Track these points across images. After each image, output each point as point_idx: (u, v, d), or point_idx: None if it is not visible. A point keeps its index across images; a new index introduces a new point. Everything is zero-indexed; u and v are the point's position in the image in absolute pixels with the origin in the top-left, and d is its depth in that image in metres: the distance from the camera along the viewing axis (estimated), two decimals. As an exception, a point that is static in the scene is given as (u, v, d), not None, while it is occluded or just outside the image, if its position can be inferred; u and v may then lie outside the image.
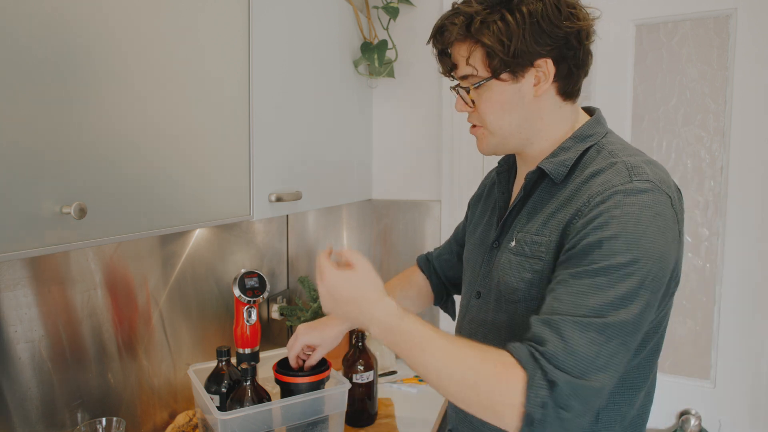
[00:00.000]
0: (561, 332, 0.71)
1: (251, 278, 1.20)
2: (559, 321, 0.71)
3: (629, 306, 0.71)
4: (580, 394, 0.69)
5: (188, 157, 0.97)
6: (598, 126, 0.89)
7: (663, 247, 0.73)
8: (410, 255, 1.90)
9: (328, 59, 1.50)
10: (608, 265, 0.71)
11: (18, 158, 0.67)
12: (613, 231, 0.72)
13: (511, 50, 0.79)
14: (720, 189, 1.47)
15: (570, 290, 0.73)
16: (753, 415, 1.46)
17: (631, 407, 0.85)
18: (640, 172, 0.77)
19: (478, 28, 0.80)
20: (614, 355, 0.70)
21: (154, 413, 1.27)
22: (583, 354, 0.69)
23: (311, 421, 1.11)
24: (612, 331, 0.70)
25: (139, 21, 0.84)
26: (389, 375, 1.75)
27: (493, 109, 0.86)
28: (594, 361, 0.69)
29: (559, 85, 0.85)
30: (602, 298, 0.71)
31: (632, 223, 0.72)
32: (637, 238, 0.72)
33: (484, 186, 1.13)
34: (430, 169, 1.85)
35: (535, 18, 0.79)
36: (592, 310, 0.70)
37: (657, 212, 0.73)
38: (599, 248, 0.72)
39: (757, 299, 1.43)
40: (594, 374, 0.69)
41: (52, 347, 1.02)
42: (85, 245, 0.76)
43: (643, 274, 0.71)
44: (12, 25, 0.66)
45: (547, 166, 0.85)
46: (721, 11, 1.44)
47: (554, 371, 0.69)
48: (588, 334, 0.69)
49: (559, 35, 0.80)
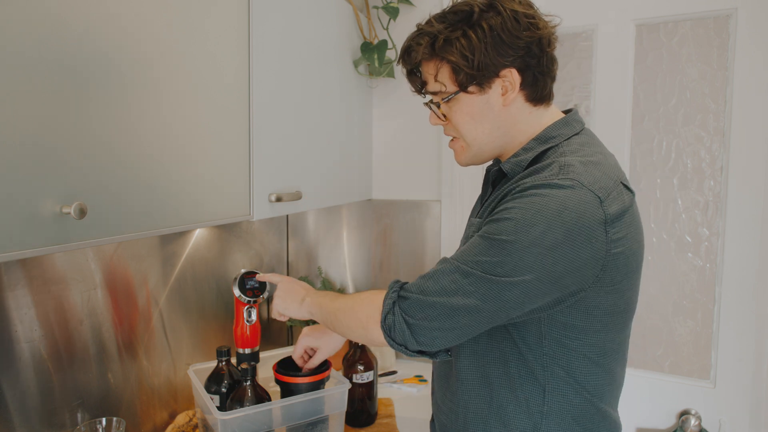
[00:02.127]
0: (434, 266, 0.84)
1: (251, 278, 1.20)
2: (439, 261, 0.84)
3: (491, 275, 0.77)
4: (421, 308, 0.80)
5: (188, 157, 0.97)
6: (565, 127, 0.90)
7: (559, 240, 0.75)
8: (410, 255, 1.90)
9: (328, 59, 1.50)
10: (494, 237, 0.78)
11: (18, 158, 0.67)
12: (512, 213, 0.77)
13: (475, 64, 0.84)
14: (720, 189, 1.47)
15: (465, 245, 0.83)
16: (753, 415, 1.46)
17: (579, 396, 0.88)
18: (569, 170, 0.79)
19: (441, 47, 0.86)
20: (454, 295, 0.79)
21: (154, 413, 1.27)
22: (432, 279, 0.81)
23: (311, 421, 1.11)
24: (467, 282, 0.78)
25: (141, 23, 0.84)
26: (389, 375, 1.75)
27: (464, 121, 0.90)
28: (437, 288, 0.80)
29: (527, 93, 0.88)
30: (474, 255, 0.79)
31: (533, 211, 0.76)
32: (529, 225, 0.75)
33: None
34: (430, 169, 1.85)
35: (496, 31, 0.83)
36: (462, 260, 0.80)
37: (566, 207, 0.75)
38: (496, 222, 0.79)
39: (757, 299, 1.43)
40: (434, 297, 0.79)
41: (52, 347, 1.02)
42: (85, 245, 0.76)
43: (517, 256, 0.76)
44: (12, 26, 0.66)
45: (506, 166, 0.90)
46: (721, 11, 1.44)
47: (407, 289, 0.84)
48: (451, 275, 0.80)
49: (521, 45, 0.84)
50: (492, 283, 0.76)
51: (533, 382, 0.87)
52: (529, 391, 0.87)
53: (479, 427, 0.92)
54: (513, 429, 0.88)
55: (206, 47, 1.00)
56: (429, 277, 0.82)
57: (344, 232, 1.99)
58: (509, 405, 0.88)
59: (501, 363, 0.88)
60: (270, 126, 1.20)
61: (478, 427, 0.92)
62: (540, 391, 0.86)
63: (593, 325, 0.84)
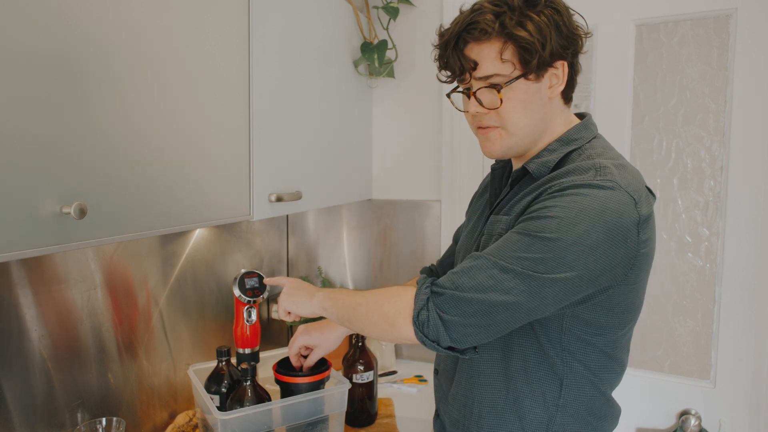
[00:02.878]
0: (465, 262, 0.82)
1: (251, 278, 1.20)
2: (470, 257, 0.82)
3: (533, 271, 0.76)
4: (457, 304, 0.78)
5: (188, 157, 0.97)
6: (585, 131, 0.92)
7: (600, 240, 0.76)
8: (410, 255, 1.90)
9: (327, 59, 1.50)
10: (536, 234, 0.77)
11: (18, 158, 0.67)
12: (555, 212, 0.77)
13: (546, 48, 0.82)
14: (720, 189, 1.47)
15: (498, 241, 0.82)
16: (753, 415, 1.46)
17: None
18: (606, 172, 0.80)
19: (513, 24, 0.81)
20: (491, 291, 0.77)
21: (154, 413, 1.27)
22: (468, 276, 0.79)
23: (311, 421, 1.11)
24: (506, 278, 0.76)
25: (141, 23, 0.84)
26: (389, 375, 1.75)
27: (517, 109, 0.86)
28: (473, 284, 0.78)
29: (565, 90, 0.89)
30: (513, 251, 0.78)
31: (576, 210, 0.76)
32: (573, 224, 0.75)
33: (485, 183, 1.16)
34: (430, 169, 1.85)
35: (556, 21, 0.83)
36: (500, 256, 0.78)
37: (607, 207, 0.76)
38: (536, 220, 0.78)
39: (757, 299, 1.43)
40: (470, 293, 0.77)
41: (52, 347, 1.02)
42: (85, 245, 0.76)
43: (561, 254, 0.75)
44: (12, 26, 0.66)
45: (531, 167, 0.89)
46: (721, 11, 1.44)
47: (440, 284, 0.81)
48: (488, 271, 0.78)
49: (573, 40, 0.85)
50: (533, 280, 0.76)
51: (551, 376, 0.88)
52: (547, 384, 0.88)
53: (494, 420, 0.92)
54: (528, 422, 0.89)
55: (206, 47, 1.00)
56: (463, 273, 0.80)
57: (344, 232, 1.99)
58: (525, 398, 0.89)
59: (521, 357, 0.89)
60: (270, 126, 1.20)
61: (492, 420, 0.92)
62: (557, 385, 0.88)
63: (613, 321, 0.86)
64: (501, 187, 1.02)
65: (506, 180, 1.02)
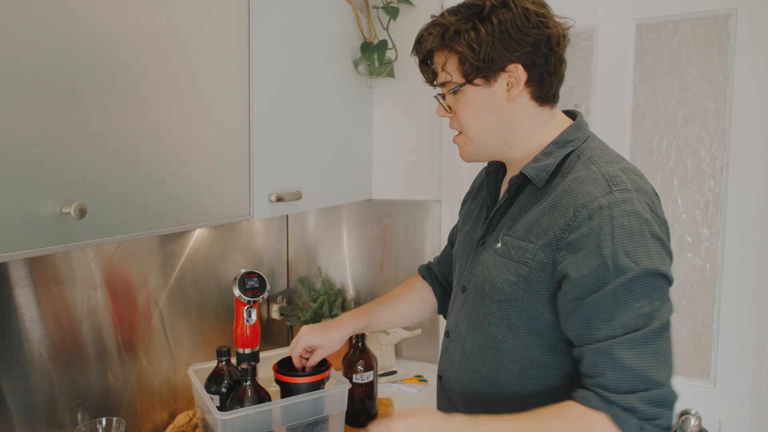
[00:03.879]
0: (612, 358, 0.75)
1: (251, 278, 1.20)
2: (606, 348, 0.76)
3: (653, 308, 0.75)
4: (656, 401, 0.74)
5: (189, 157, 0.97)
6: (579, 131, 0.92)
7: (659, 248, 0.78)
8: (410, 255, 1.90)
9: (327, 59, 1.50)
10: (623, 281, 0.75)
11: (18, 158, 0.67)
12: (611, 249, 0.76)
13: (481, 56, 0.85)
14: (720, 189, 1.47)
15: (599, 316, 0.77)
16: (753, 415, 1.46)
17: None
18: (618, 182, 0.80)
19: (451, 37, 0.87)
20: (662, 354, 0.76)
21: (154, 413, 1.27)
22: (639, 369, 0.74)
23: (311, 421, 1.11)
24: (651, 336, 0.75)
25: (140, 23, 0.84)
26: (389, 375, 1.75)
27: (469, 114, 0.91)
28: (650, 369, 0.74)
29: (533, 91, 0.89)
30: (631, 313, 0.75)
31: (626, 236, 0.76)
32: (635, 248, 0.76)
33: (475, 184, 1.16)
34: (430, 169, 1.85)
35: (505, 26, 0.84)
36: (628, 327, 0.75)
37: (643, 220, 0.78)
38: (605, 268, 0.76)
39: (757, 299, 1.43)
40: (657, 378, 0.75)
41: (52, 347, 1.02)
42: (85, 245, 0.76)
43: (651, 276, 0.76)
44: (12, 27, 0.66)
45: (529, 172, 0.89)
46: (721, 11, 1.44)
47: (627, 397, 0.74)
48: (635, 349, 0.74)
49: (528, 42, 0.85)
50: (660, 323, 0.76)
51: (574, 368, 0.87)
52: None
53: None
54: None
55: (206, 47, 1.00)
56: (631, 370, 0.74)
57: (344, 232, 1.99)
58: None
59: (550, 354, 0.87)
60: (270, 126, 1.20)
61: None
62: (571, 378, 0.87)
63: None
64: (497, 191, 1.02)
65: (501, 183, 1.02)
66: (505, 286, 0.87)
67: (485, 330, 0.92)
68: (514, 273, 0.86)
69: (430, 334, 1.87)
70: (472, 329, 0.95)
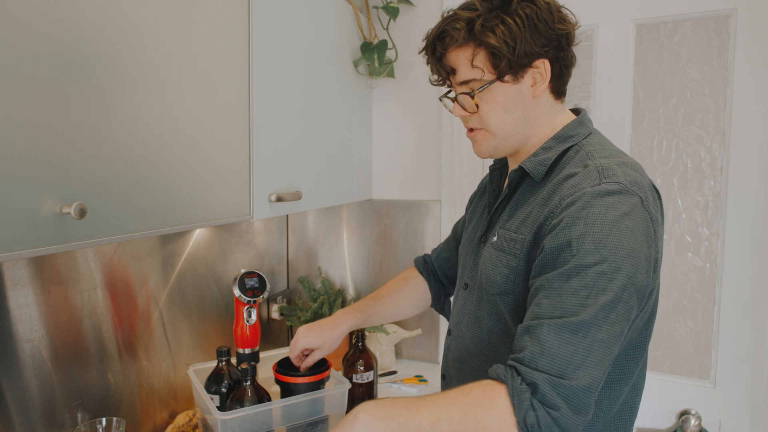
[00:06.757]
0: (537, 336, 0.73)
1: (251, 278, 1.20)
2: (536, 326, 0.74)
3: (600, 303, 0.72)
4: (562, 392, 0.70)
5: (189, 158, 0.97)
6: (581, 127, 0.91)
7: (632, 245, 0.75)
8: (410, 255, 1.90)
9: (327, 59, 1.50)
10: (578, 264, 0.73)
11: (18, 158, 0.67)
12: (580, 231, 0.74)
13: (516, 51, 0.82)
14: (720, 189, 1.47)
15: (547, 294, 0.75)
16: (753, 415, 1.46)
17: (613, 402, 0.86)
18: (610, 174, 0.79)
19: (481, 30, 0.82)
20: (590, 351, 0.71)
21: (154, 413, 1.27)
22: (558, 353, 0.71)
23: (311, 421, 1.11)
24: (586, 328, 0.71)
25: (141, 23, 0.84)
26: (389, 375, 1.75)
27: (496, 111, 0.88)
28: (570, 359, 0.71)
29: (553, 85, 0.89)
30: (575, 298, 0.73)
31: (598, 223, 0.74)
32: (604, 236, 0.73)
33: (483, 184, 1.15)
34: (430, 169, 1.85)
35: (533, 21, 0.82)
36: (567, 311, 0.72)
37: (623, 212, 0.75)
38: (569, 248, 0.75)
39: (757, 299, 1.43)
40: (573, 372, 0.70)
41: (52, 347, 1.02)
42: (85, 245, 0.76)
43: (612, 271, 0.73)
44: (12, 26, 0.66)
45: (528, 165, 0.89)
46: (721, 11, 1.44)
47: (532, 373, 0.71)
48: (563, 335, 0.71)
49: (553, 37, 0.84)
50: (601, 321, 0.72)
51: None
52: None
53: None
54: None
55: (206, 47, 1.00)
56: (548, 351, 0.72)
57: (344, 232, 1.99)
58: None
59: None
60: (270, 126, 1.20)
61: None
62: None
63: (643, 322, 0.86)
64: (499, 188, 1.02)
65: (504, 181, 1.01)
66: (499, 279, 0.87)
67: (485, 325, 0.93)
68: (506, 265, 0.86)
69: (430, 333, 1.87)
70: (472, 325, 0.96)
